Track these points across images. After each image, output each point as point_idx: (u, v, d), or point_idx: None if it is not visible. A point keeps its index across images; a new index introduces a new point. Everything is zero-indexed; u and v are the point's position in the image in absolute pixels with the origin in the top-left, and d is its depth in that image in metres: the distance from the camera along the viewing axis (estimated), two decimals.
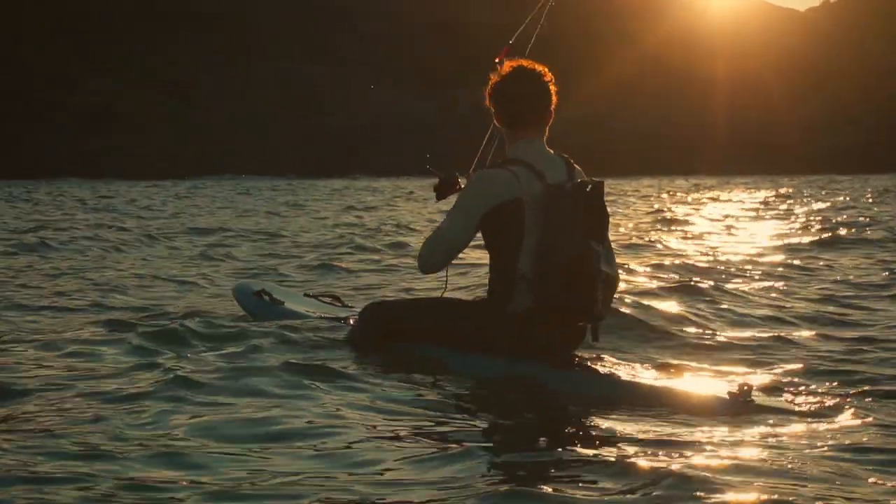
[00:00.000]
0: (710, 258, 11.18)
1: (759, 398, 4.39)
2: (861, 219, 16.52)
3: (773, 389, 4.71)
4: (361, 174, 71.67)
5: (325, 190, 34.39)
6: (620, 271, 5.28)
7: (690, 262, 10.45)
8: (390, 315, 5.22)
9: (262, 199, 27.56)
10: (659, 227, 16.46)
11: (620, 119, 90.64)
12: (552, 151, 5.03)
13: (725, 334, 6.81)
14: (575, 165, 5.04)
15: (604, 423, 3.87)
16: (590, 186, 4.84)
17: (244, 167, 77.53)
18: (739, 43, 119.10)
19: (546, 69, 5.08)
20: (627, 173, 74.98)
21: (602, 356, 5.22)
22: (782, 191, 32.62)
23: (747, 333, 6.78)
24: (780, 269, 10.26)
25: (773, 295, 8.26)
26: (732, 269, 10.04)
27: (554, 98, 5.04)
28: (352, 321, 5.61)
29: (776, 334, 6.59)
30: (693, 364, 5.62)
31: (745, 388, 4.39)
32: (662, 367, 5.20)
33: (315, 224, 17.16)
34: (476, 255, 8.95)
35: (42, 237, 13.77)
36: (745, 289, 8.53)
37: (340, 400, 4.11)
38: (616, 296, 5.15)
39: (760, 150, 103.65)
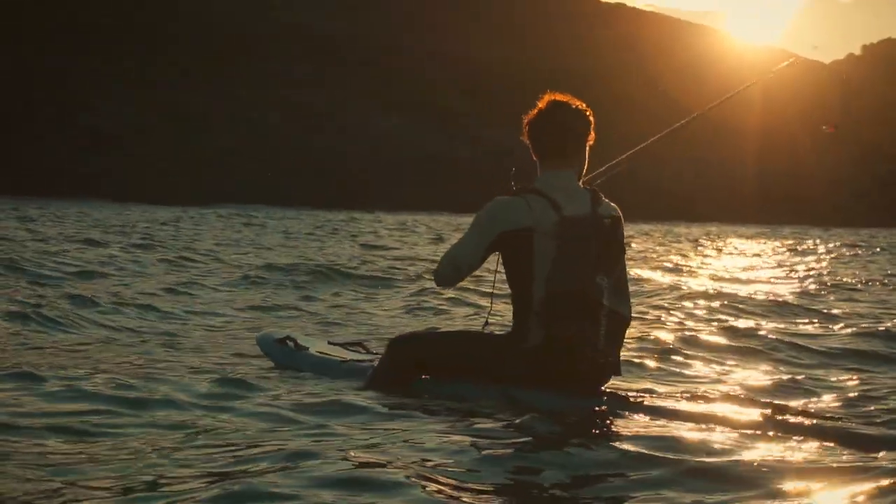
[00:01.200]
0: (717, 295, 11.30)
1: (791, 419, 4.46)
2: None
3: (804, 412, 4.68)
4: (363, 208, 71.18)
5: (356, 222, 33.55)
6: (641, 310, 5.19)
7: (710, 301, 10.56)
8: (413, 349, 5.21)
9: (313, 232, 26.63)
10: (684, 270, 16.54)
11: (650, 169, 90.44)
12: (581, 184, 5.06)
13: (748, 363, 6.95)
14: (603, 199, 4.98)
15: (639, 454, 3.84)
16: (608, 220, 4.87)
17: (248, 195, 77.72)
18: (768, 94, 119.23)
19: (581, 104, 5.10)
20: (657, 218, 74.86)
21: (627, 389, 5.22)
22: (793, 242, 32.49)
23: (768, 363, 6.91)
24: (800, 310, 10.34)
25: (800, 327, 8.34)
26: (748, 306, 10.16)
27: (588, 132, 5.08)
28: (376, 363, 5.54)
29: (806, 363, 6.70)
30: (721, 389, 5.76)
31: (779, 409, 4.51)
32: (692, 396, 5.15)
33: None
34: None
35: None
36: (766, 323, 8.60)
37: (370, 435, 4.14)
38: (644, 332, 5.12)
39: (787, 201, 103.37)
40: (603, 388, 4.98)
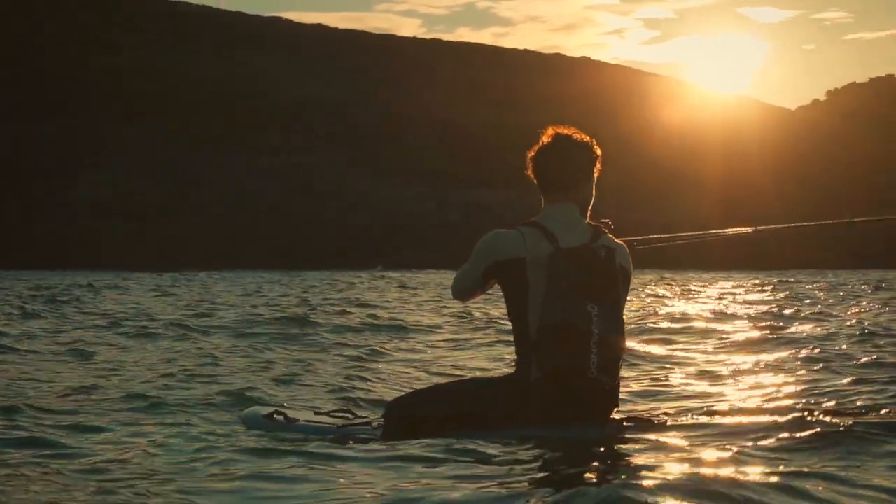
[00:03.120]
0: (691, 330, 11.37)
1: (804, 428, 4.52)
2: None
3: (821, 419, 4.72)
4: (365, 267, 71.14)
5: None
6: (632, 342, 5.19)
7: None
8: (413, 408, 5.14)
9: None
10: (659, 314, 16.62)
11: (613, 217, 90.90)
12: (585, 218, 5.04)
13: (745, 382, 7.12)
14: (603, 232, 4.98)
15: (643, 477, 3.77)
16: (603, 252, 4.84)
17: (246, 261, 77.69)
18: (732, 140, 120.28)
19: (585, 136, 5.10)
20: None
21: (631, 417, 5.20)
22: (766, 288, 32.68)
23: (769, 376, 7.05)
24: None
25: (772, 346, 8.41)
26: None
27: (593, 164, 5.08)
28: (374, 424, 5.47)
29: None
30: (732, 406, 5.86)
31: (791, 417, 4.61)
32: (704, 412, 5.20)
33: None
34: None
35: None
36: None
37: (375, 493, 4.10)
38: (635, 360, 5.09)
39: (754, 245, 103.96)
40: (605, 419, 4.91)
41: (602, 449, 4.39)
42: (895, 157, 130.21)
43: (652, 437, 4.62)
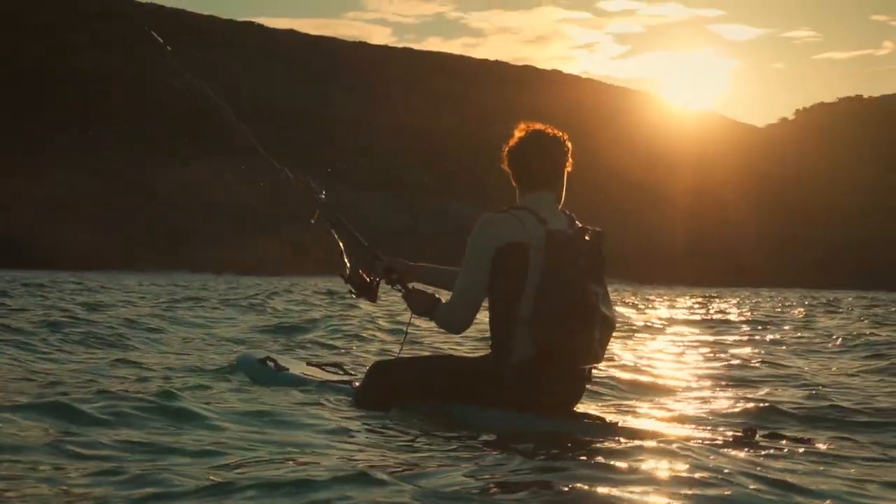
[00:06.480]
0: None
1: (762, 441, 4.60)
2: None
3: (775, 434, 4.82)
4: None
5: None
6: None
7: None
8: (394, 373, 5.22)
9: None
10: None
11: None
12: (559, 208, 5.12)
13: (718, 385, 7.19)
14: (577, 222, 5.08)
15: (611, 469, 3.82)
16: (588, 235, 4.96)
17: (209, 264, 77.52)
18: (700, 156, 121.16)
19: (558, 132, 5.20)
20: None
21: (604, 409, 5.39)
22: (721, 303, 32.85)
23: (737, 386, 7.14)
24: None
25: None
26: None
27: (566, 158, 5.16)
28: (356, 384, 5.62)
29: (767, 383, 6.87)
30: (695, 409, 5.89)
31: (749, 431, 4.58)
32: (665, 413, 5.30)
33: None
34: None
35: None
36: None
37: (346, 459, 4.11)
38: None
39: (718, 261, 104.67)
40: (575, 403, 5.07)
41: (568, 444, 4.40)
42: (861, 176, 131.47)
43: (615, 436, 4.64)
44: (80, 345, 9.65)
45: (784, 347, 12.00)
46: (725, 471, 3.94)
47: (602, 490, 3.48)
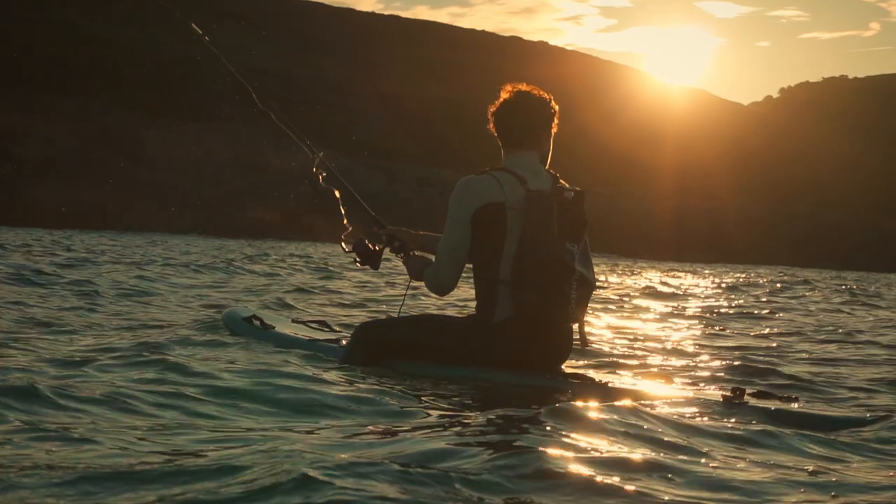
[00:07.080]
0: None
1: (751, 400, 4.67)
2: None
3: (764, 392, 4.89)
4: (305, 239, 70.95)
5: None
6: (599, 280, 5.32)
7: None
8: (381, 332, 5.29)
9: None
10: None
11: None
12: (543, 167, 5.17)
13: (705, 348, 7.26)
14: (562, 181, 5.12)
15: (599, 430, 3.79)
16: (570, 194, 4.99)
17: (184, 224, 77.18)
18: (685, 131, 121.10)
19: (544, 93, 5.25)
20: None
21: (590, 370, 5.45)
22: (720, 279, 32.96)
23: (727, 345, 7.22)
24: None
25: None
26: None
27: (552, 119, 5.22)
28: (343, 342, 5.69)
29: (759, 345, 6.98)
30: (682, 372, 5.95)
31: (738, 391, 4.68)
32: (653, 375, 5.39)
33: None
34: None
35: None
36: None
37: (332, 418, 4.11)
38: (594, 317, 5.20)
39: (704, 237, 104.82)
40: (563, 360, 5.13)
41: (553, 403, 4.33)
42: (844, 156, 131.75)
43: (602, 396, 4.69)
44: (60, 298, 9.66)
45: (765, 315, 12.13)
46: (713, 430, 4.03)
47: (588, 449, 3.48)
